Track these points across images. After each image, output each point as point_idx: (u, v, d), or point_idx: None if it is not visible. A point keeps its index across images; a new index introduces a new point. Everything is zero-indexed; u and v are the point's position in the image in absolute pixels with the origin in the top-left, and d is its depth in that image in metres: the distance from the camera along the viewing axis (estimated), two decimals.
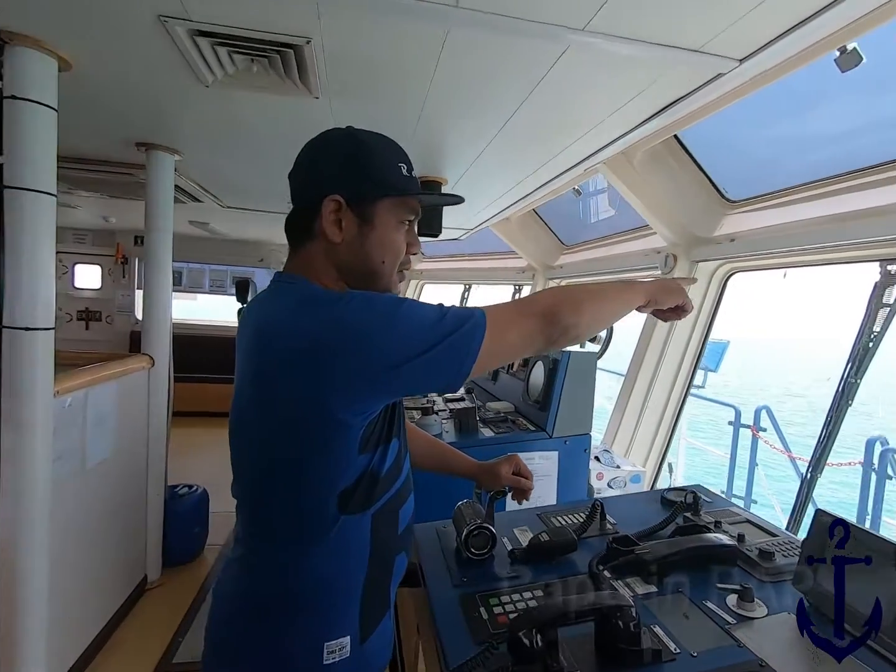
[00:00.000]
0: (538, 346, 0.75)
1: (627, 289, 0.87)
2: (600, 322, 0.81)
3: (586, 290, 0.81)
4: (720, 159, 2.71)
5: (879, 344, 2.01)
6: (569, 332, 0.75)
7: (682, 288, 0.91)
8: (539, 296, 0.78)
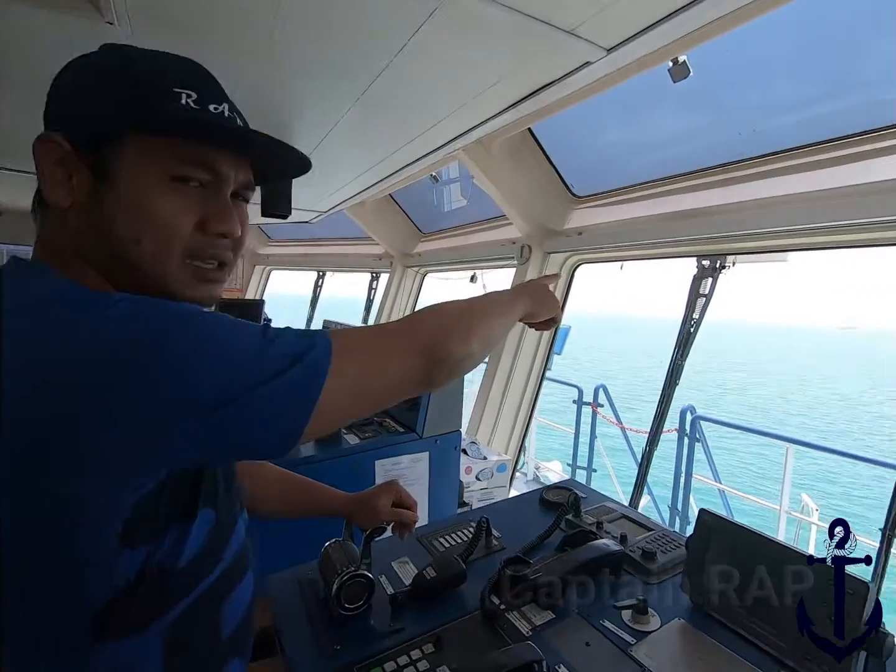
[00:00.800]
0: (412, 391, 0.59)
1: (507, 303, 0.75)
2: (488, 348, 0.67)
3: (469, 310, 0.66)
4: (567, 155, 2.85)
5: (699, 329, 2.31)
6: (460, 367, 0.60)
7: (556, 299, 0.86)
8: (417, 324, 0.60)
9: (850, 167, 1.70)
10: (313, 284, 5.96)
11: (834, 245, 1.93)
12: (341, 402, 0.49)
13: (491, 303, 0.73)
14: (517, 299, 0.77)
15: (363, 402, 0.53)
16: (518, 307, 0.77)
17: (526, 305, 0.78)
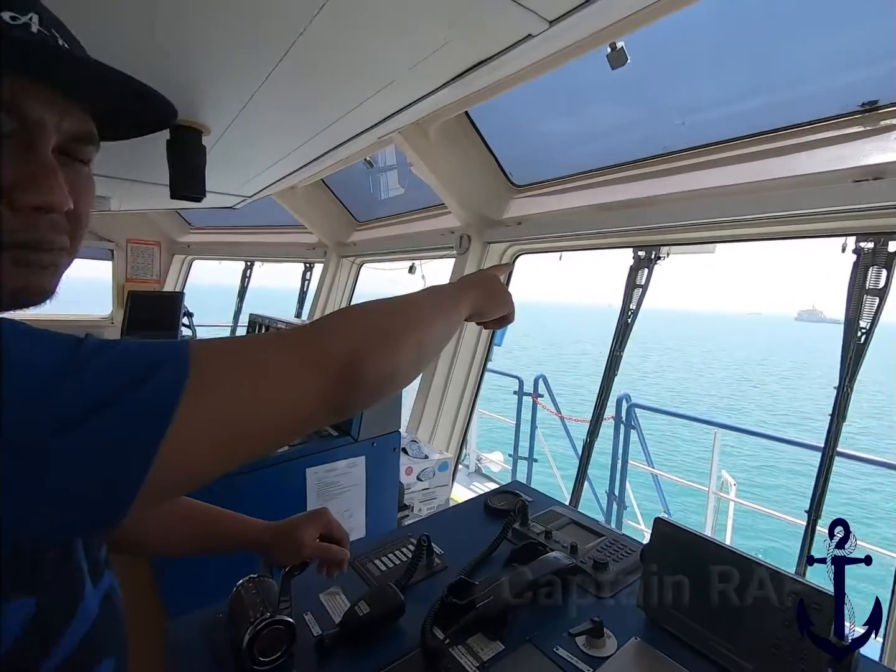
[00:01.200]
0: (315, 423, 0.46)
1: (450, 301, 0.62)
2: (424, 361, 0.54)
3: (398, 312, 0.53)
4: (506, 143, 2.78)
5: (636, 319, 2.33)
6: (383, 389, 0.48)
7: (509, 293, 0.73)
8: (326, 331, 0.46)
9: (777, 161, 1.74)
10: (241, 275, 5.57)
11: (760, 237, 1.99)
12: (203, 447, 0.34)
13: (428, 301, 0.60)
14: (463, 295, 0.65)
15: (241, 444, 0.38)
16: (464, 305, 0.64)
17: (474, 302, 0.66)
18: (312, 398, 0.41)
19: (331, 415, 0.44)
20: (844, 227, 1.66)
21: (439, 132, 2.65)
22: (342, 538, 0.82)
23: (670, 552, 0.76)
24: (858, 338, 1.61)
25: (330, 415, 0.44)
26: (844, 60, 1.59)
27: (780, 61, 1.73)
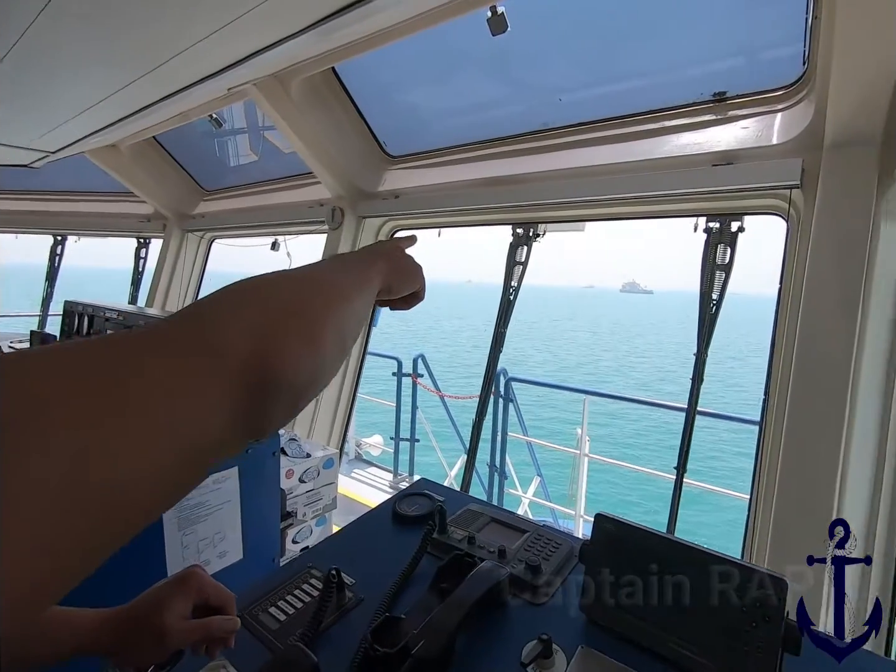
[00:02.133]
0: (223, 455, 0.31)
1: (362, 272, 0.51)
2: (347, 348, 0.43)
3: (306, 283, 0.41)
4: (379, 110, 2.57)
5: (517, 296, 2.35)
6: (306, 392, 0.36)
7: (419, 267, 0.62)
8: (219, 319, 0.32)
9: (645, 143, 1.84)
10: (49, 252, 4.50)
11: (626, 216, 2.11)
12: (42, 538, 0.20)
13: (341, 271, 0.47)
14: (372, 267, 0.52)
15: (107, 526, 0.23)
16: (375, 278, 0.52)
17: (385, 274, 0.54)
18: (214, 424, 0.28)
19: (242, 441, 0.32)
20: (699, 208, 1.82)
21: (303, 89, 2.34)
22: (225, 603, 0.62)
23: (613, 549, 0.71)
24: (711, 308, 1.80)
25: (241, 441, 0.32)
26: (700, 53, 1.71)
27: (650, 47, 1.81)
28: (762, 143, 1.54)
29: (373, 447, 4.57)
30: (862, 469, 1.27)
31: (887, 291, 1.32)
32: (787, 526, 1.29)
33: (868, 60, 1.15)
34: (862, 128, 1.28)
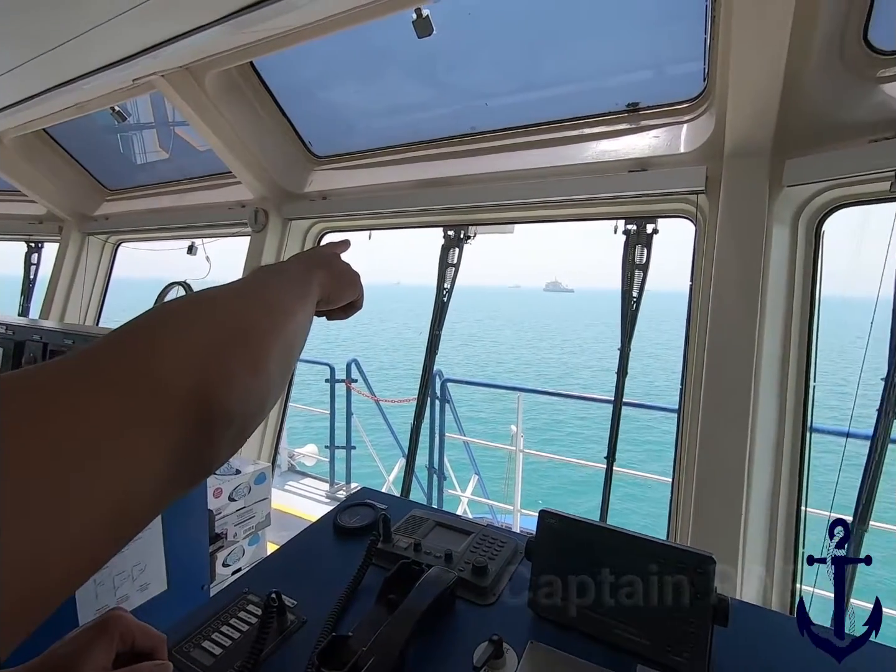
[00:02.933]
0: (165, 503, 0.29)
1: (300, 284, 0.48)
2: (291, 367, 0.40)
3: (246, 299, 0.38)
4: (303, 109, 2.49)
5: (451, 298, 2.37)
6: (253, 420, 0.33)
7: (357, 275, 0.60)
8: (153, 347, 0.29)
9: (569, 148, 1.92)
10: None
11: (552, 218, 2.20)
12: None
13: (280, 284, 0.44)
14: (312, 278, 0.50)
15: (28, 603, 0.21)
16: (315, 289, 0.49)
17: (323, 285, 0.51)
18: (152, 469, 0.25)
19: (188, 482, 0.30)
20: (618, 212, 1.93)
21: (218, 83, 2.20)
22: (154, 646, 0.55)
23: (557, 544, 0.73)
24: (632, 305, 1.92)
25: (186, 482, 0.29)
26: (616, 65, 1.82)
27: (570, 57, 1.89)
28: (671, 152, 1.66)
29: (307, 457, 4.41)
30: (765, 443, 1.41)
31: (779, 286, 1.47)
32: (705, 504, 1.40)
33: (757, 80, 1.28)
34: (755, 140, 1.42)
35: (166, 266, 3.33)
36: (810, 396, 1.48)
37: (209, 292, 0.36)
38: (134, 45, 1.86)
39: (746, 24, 1.20)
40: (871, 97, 1.30)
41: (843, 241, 1.60)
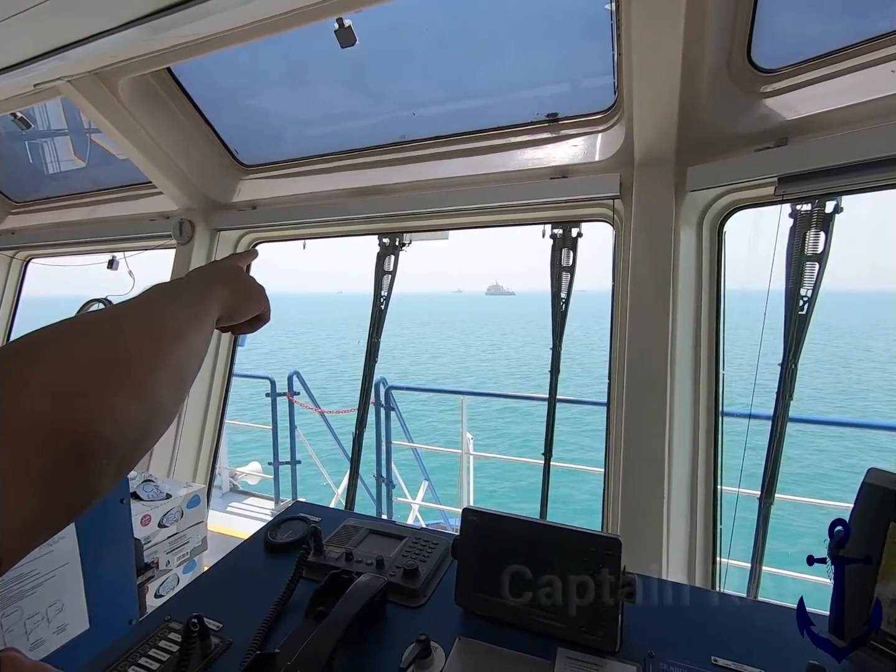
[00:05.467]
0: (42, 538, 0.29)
1: (196, 302, 0.47)
2: (184, 390, 0.39)
3: (130, 324, 0.37)
4: (228, 117, 2.42)
5: (388, 306, 2.37)
6: (137, 449, 0.33)
7: (261, 287, 0.59)
8: (19, 383, 0.27)
9: (495, 157, 1.98)
10: None
11: (483, 224, 2.26)
12: None
13: (171, 304, 0.43)
14: (209, 294, 0.49)
15: None
16: (213, 306, 0.49)
17: (224, 301, 0.51)
18: (21, 509, 0.25)
19: (64, 516, 0.29)
20: (544, 217, 2.02)
21: (133, 89, 2.10)
22: None
23: (481, 540, 0.76)
24: (561, 306, 2.00)
25: (62, 517, 0.29)
26: (535, 77, 1.90)
27: (492, 69, 1.96)
28: (588, 160, 1.76)
29: (250, 476, 4.24)
30: (683, 429, 1.52)
31: (689, 282, 1.59)
32: (631, 490, 1.49)
33: (656, 95, 1.39)
34: (660, 150, 1.53)
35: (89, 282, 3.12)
36: (721, 383, 1.60)
37: (88, 317, 0.35)
38: (34, 47, 1.75)
39: (642, 43, 1.30)
40: (756, 110, 1.44)
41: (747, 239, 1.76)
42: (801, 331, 1.49)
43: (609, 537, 0.68)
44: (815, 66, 1.37)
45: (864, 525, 0.63)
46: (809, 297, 1.50)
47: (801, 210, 1.51)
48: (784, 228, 1.54)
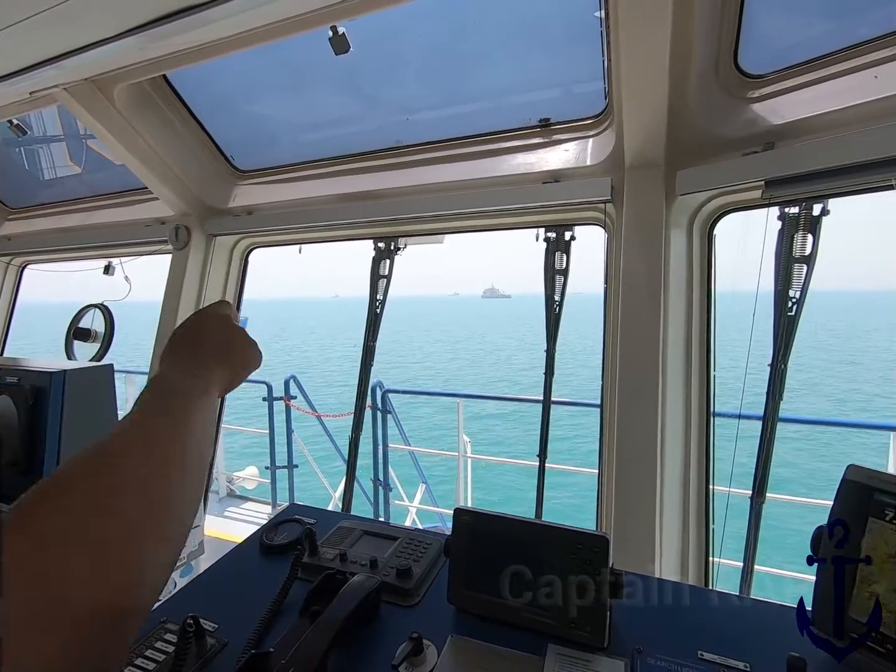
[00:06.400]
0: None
1: (197, 394, 0.44)
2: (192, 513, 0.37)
3: (134, 464, 0.33)
4: (223, 123, 2.43)
5: (384, 309, 2.38)
6: (155, 590, 0.31)
7: (253, 343, 0.56)
8: (47, 561, 0.25)
9: (488, 161, 2.00)
10: None
11: (478, 228, 2.27)
12: None
13: (172, 413, 0.40)
14: (210, 375, 0.47)
15: None
16: (214, 387, 0.47)
17: (222, 382, 0.49)
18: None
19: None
20: (537, 220, 2.04)
21: (129, 96, 2.12)
22: None
23: (473, 539, 0.77)
24: (554, 309, 2.02)
25: None
26: (527, 82, 1.92)
27: (483, 74, 1.98)
28: (580, 164, 1.78)
29: (247, 480, 4.24)
30: (675, 429, 1.54)
31: (679, 284, 1.61)
32: (624, 490, 1.50)
33: (644, 100, 1.41)
34: (649, 154, 1.56)
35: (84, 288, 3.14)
36: (712, 384, 1.62)
37: (74, 463, 0.31)
38: (30, 55, 1.76)
39: (629, 50, 1.32)
40: (743, 115, 1.46)
41: (737, 241, 1.78)
42: (791, 331, 1.51)
43: (596, 535, 0.69)
44: (801, 72, 1.40)
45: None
46: (798, 298, 1.52)
47: (788, 213, 1.54)
48: (773, 231, 1.57)
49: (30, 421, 1.24)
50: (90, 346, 2.89)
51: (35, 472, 1.24)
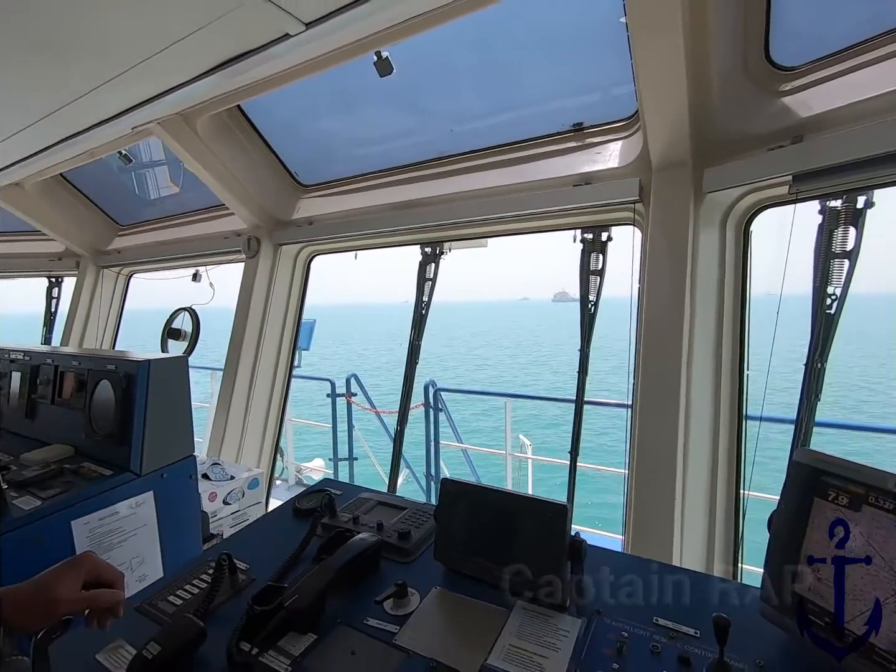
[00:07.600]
0: None
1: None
2: None
3: None
4: (290, 144, 2.71)
5: (429, 310, 2.53)
6: None
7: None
8: None
9: (528, 167, 2.08)
10: None
11: (520, 231, 2.35)
12: None
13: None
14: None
15: None
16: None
17: None
18: None
19: None
20: (573, 222, 2.08)
21: (209, 127, 2.43)
22: (114, 580, 0.71)
23: (456, 506, 0.87)
24: (589, 309, 2.05)
25: None
26: (560, 89, 1.99)
27: (521, 84, 2.07)
28: (610, 166, 1.81)
29: (314, 471, 4.57)
30: (701, 431, 1.53)
31: (710, 283, 1.60)
32: (643, 491, 1.52)
33: (665, 101, 1.43)
34: (675, 155, 1.56)
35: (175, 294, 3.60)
36: (745, 386, 1.59)
37: None
38: (132, 98, 2.10)
39: (646, 52, 1.36)
40: (772, 109, 1.43)
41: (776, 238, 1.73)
42: (829, 330, 1.45)
43: (557, 504, 0.77)
44: (834, 62, 1.35)
45: (791, 501, 0.68)
46: (838, 295, 1.46)
47: (829, 206, 1.48)
48: (813, 225, 1.52)
49: (123, 401, 1.52)
50: (181, 344, 3.31)
51: (126, 443, 1.50)
